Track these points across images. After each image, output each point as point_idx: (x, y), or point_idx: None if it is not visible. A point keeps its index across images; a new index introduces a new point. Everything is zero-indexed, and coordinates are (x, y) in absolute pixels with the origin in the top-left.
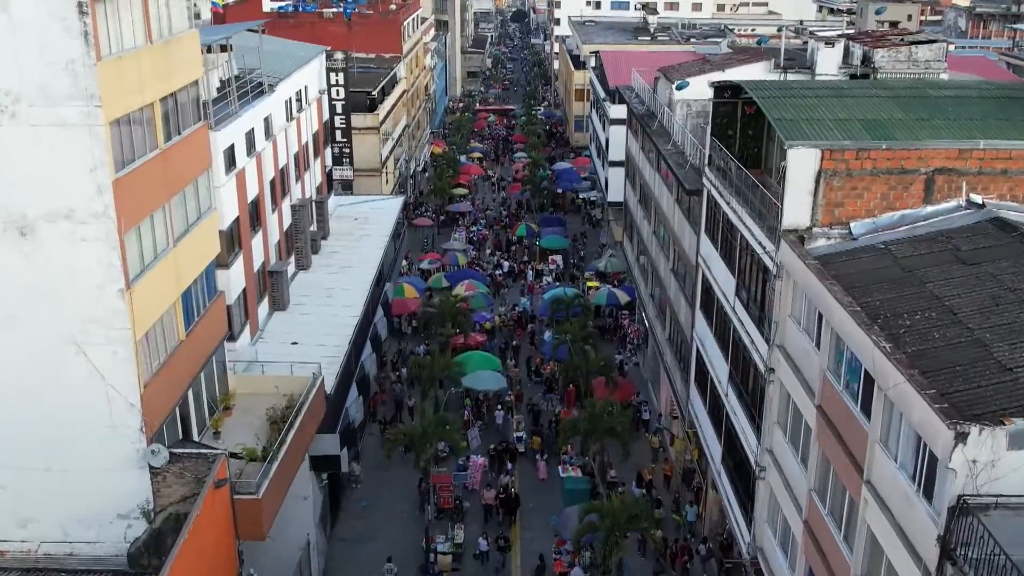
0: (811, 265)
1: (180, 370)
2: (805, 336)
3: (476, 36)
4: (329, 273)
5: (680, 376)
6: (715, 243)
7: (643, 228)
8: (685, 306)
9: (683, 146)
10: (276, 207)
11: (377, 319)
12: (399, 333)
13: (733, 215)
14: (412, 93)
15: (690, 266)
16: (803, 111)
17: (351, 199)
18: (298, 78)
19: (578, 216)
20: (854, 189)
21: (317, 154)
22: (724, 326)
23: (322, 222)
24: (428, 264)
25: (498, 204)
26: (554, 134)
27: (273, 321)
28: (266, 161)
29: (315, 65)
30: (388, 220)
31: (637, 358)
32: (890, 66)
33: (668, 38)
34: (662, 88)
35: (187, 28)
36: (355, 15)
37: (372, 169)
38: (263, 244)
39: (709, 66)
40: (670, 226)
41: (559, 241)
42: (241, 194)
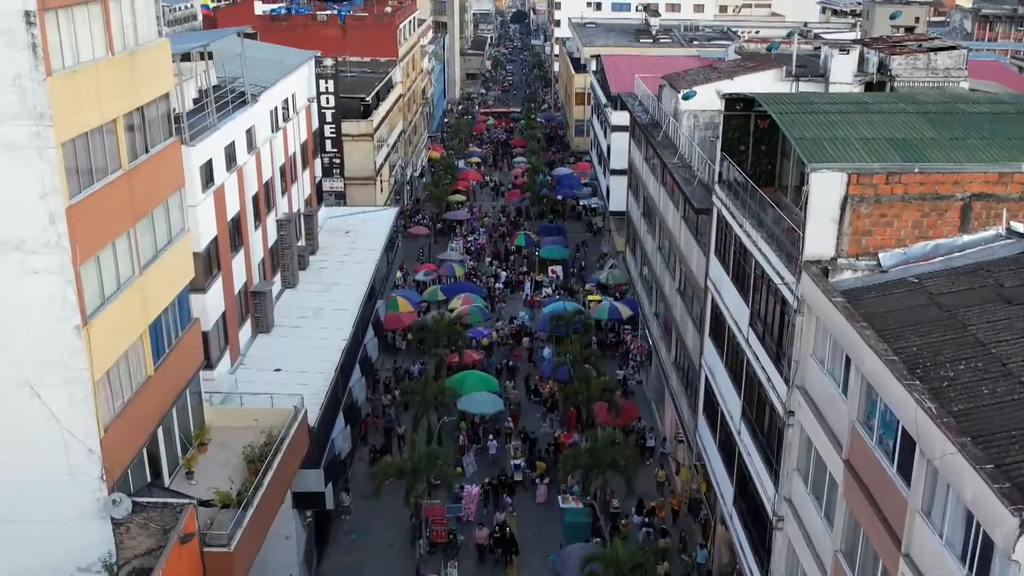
0: (838, 304)
1: (148, 408)
2: (830, 380)
3: (475, 38)
4: (317, 291)
5: (687, 403)
6: (726, 267)
7: (647, 242)
8: (692, 330)
9: (690, 160)
10: (260, 223)
11: (367, 340)
12: (392, 348)
13: (746, 239)
14: (408, 97)
15: (698, 288)
16: (825, 129)
17: (342, 211)
18: (285, 86)
19: (579, 223)
20: (883, 216)
21: (306, 165)
22: (736, 357)
23: (311, 236)
24: (424, 276)
25: (497, 211)
26: (554, 138)
27: (256, 345)
28: (249, 175)
29: (304, 71)
30: (381, 233)
31: (640, 376)
32: (908, 74)
33: (670, 40)
34: (667, 96)
35: (156, 37)
36: (349, 18)
37: (366, 178)
38: (245, 264)
39: (716, 74)
40: (676, 243)
41: (559, 251)
42: (220, 212)
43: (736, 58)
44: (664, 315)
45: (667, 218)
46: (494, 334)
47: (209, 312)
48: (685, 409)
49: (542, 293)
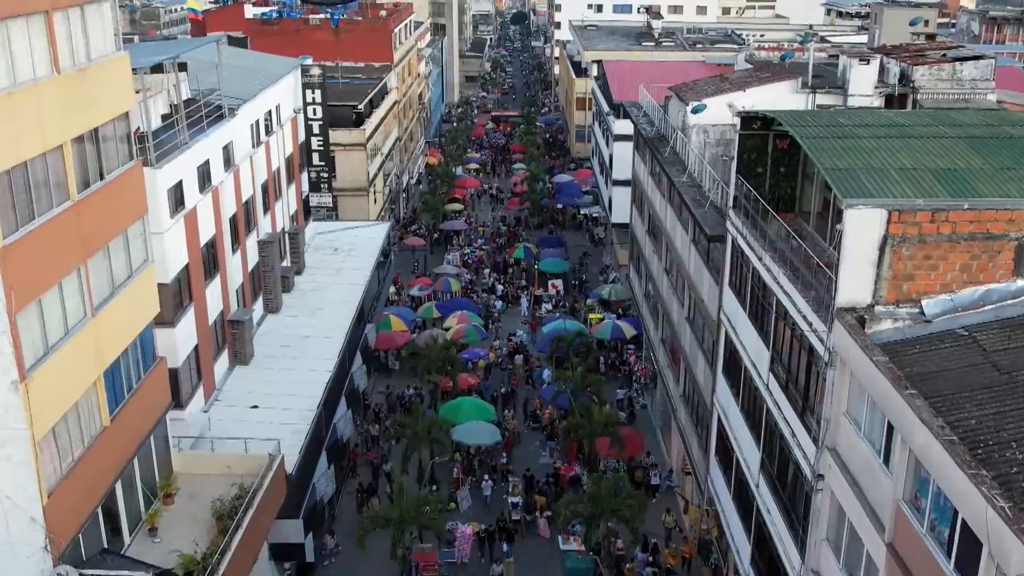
0: (881, 364)
1: (103, 463)
2: (868, 447)
3: (475, 39)
4: (302, 316)
5: (697, 442)
6: (742, 301)
7: (652, 263)
8: (703, 364)
9: (700, 179)
10: (239, 246)
11: (355, 368)
12: (385, 368)
13: (766, 274)
14: (404, 103)
15: (709, 319)
16: (859, 157)
17: (332, 226)
18: (267, 97)
19: (579, 233)
20: (928, 259)
21: (291, 180)
22: (754, 403)
23: (296, 256)
24: (419, 291)
25: (495, 221)
26: (554, 143)
27: (234, 378)
28: (226, 195)
29: (289, 81)
30: (371, 250)
31: (645, 399)
32: (931, 85)
33: (673, 44)
34: (674, 108)
35: (113, 51)
36: (343, 22)
37: (358, 188)
38: (221, 291)
39: (727, 85)
40: (685, 268)
41: (559, 264)
42: (192, 237)
43: (747, 67)
44: (671, 341)
45: (675, 239)
46: (491, 355)
47: (179, 348)
48: (695, 447)
49: (541, 309)
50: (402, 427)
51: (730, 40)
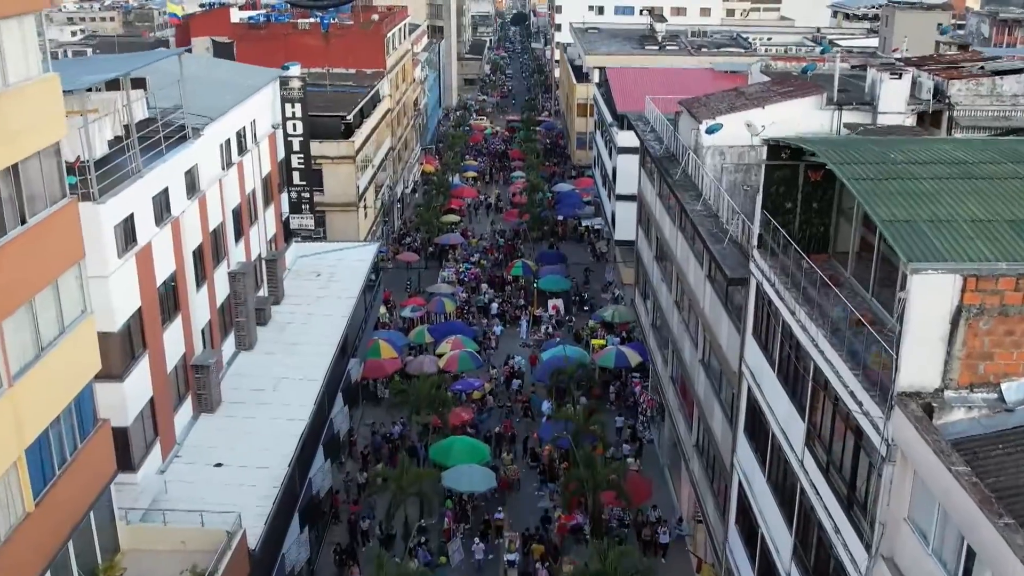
0: (963, 477)
1: (25, 555)
2: (937, 566)
3: (474, 41)
4: (278, 353)
5: (713, 502)
6: (769, 357)
7: (660, 292)
8: (721, 416)
9: (717, 208)
10: (205, 279)
11: (336, 412)
12: (374, 397)
13: (800, 332)
14: (399, 111)
15: (728, 368)
16: (920, 204)
17: (315, 248)
18: (240, 113)
19: (580, 245)
20: (1010, 334)
21: (269, 201)
22: (785, 479)
23: (274, 285)
24: (411, 312)
25: (492, 233)
26: (554, 148)
27: (198, 429)
28: (189, 225)
29: (267, 94)
30: (358, 275)
31: (651, 433)
32: (969, 101)
33: (677, 48)
34: (685, 125)
35: (38, 73)
36: (333, 26)
37: (347, 204)
38: (184, 332)
39: (744, 100)
40: (699, 305)
41: (559, 282)
42: (146, 277)
43: (763, 79)
44: (681, 380)
45: (687, 272)
46: (486, 385)
47: (129, 404)
48: (711, 506)
49: (541, 330)
50: (386, 481)
51: (736, 44)
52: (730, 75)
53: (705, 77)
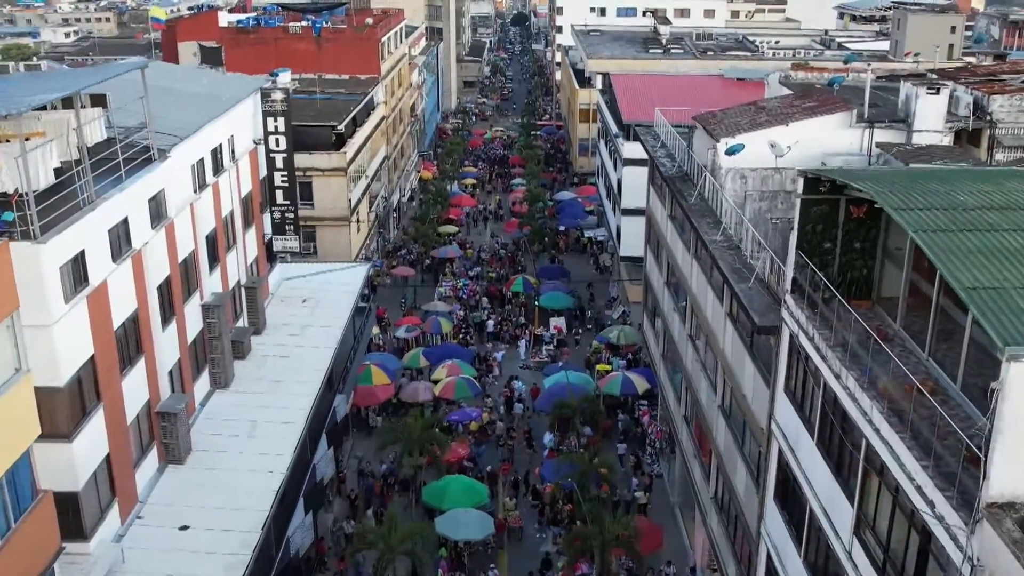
0: None
1: None
2: None
3: (474, 43)
4: (257, 391)
5: (736, 571)
6: (806, 421)
7: (672, 323)
8: (745, 475)
9: (740, 239)
10: (174, 315)
11: (319, 458)
12: (365, 425)
13: (847, 399)
14: (394, 118)
15: (754, 423)
16: (1006, 264)
17: (302, 270)
18: (216, 129)
19: (583, 257)
20: None
21: (250, 223)
22: (827, 563)
23: (254, 314)
24: (406, 331)
25: (492, 245)
26: (555, 154)
27: (164, 483)
28: (154, 258)
29: (247, 107)
30: (347, 299)
31: (659, 467)
32: (1012, 118)
33: (682, 51)
34: (700, 143)
35: None
36: (325, 31)
37: (339, 218)
38: (147, 377)
39: (765, 116)
40: (718, 346)
41: (562, 299)
42: (100, 321)
43: (781, 91)
44: (696, 422)
45: (704, 306)
46: (485, 415)
47: (79, 466)
48: (732, 573)
49: (542, 351)
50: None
51: (743, 47)
52: (742, 83)
53: (715, 85)
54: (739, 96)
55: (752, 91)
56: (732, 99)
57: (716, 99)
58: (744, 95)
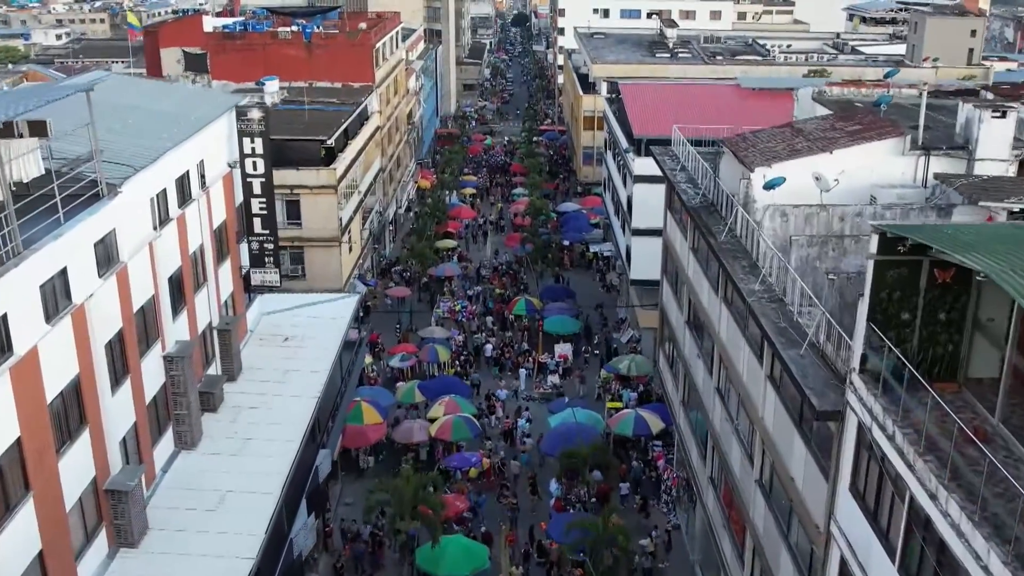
0: None
1: None
2: None
3: (473, 44)
4: (227, 452)
5: None
6: (882, 536)
7: (696, 370)
8: (793, 572)
9: (783, 289)
10: (128, 374)
11: (296, 531)
12: (355, 467)
13: (948, 529)
14: (390, 127)
15: (807, 518)
16: None
17: (285, 301)
18: (182, 155)
19: (589, 273)
20: None
21: (225, 255)
22: None
23: (228, 359)
24: (400, 361)
25: (492, 258)
26: (559, 160)
27: (113, 573)
28: (101, 310)
29: (221, 126)
30: (334, 336)
31: (677, 517)
32: None
33: (690, 55)
34: (729, 169)
35: None
36: (316, 36)
37: (328, 239)
38: (92, 451)
39: (803, 141)
40: (755, 412)
41: (568, 324)
42: (28, 395)
43: (814, 108)
44: (726, 487)
45: (737, 361)
46: (485, 461)
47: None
48: None
49: (547, 381)
50: None
51: (753, 51)
52: (760, 93)
53: (731, 95)
54: (758, 107)
55: (770, 101)
56: (750, 111)
57: (733, 110)
58: (763, 106)
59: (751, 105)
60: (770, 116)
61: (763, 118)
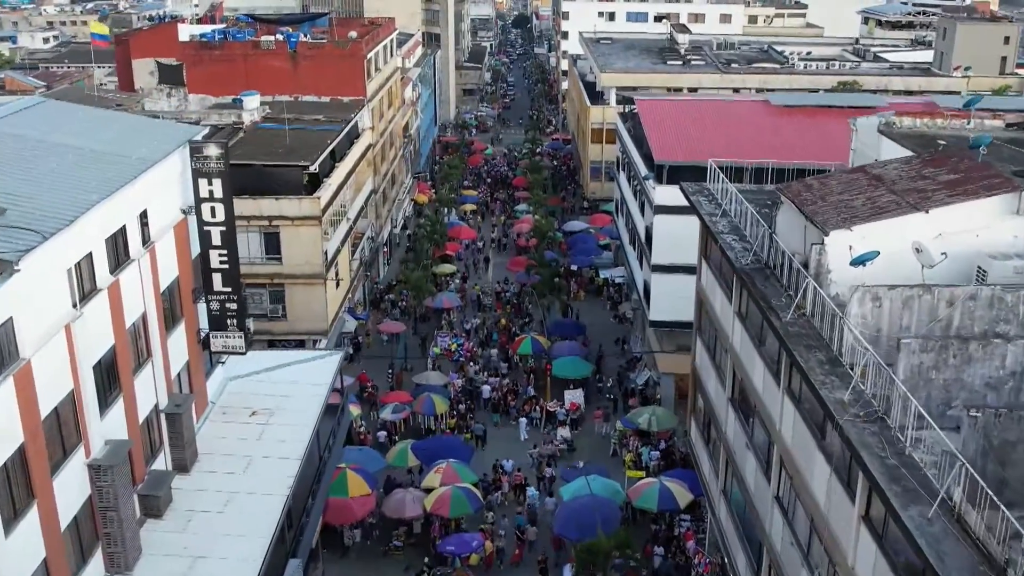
0: None
1: None
2: None
3: (473, 48)
4: (170, 575)
5: None
6: None
7: (743, 462)
8: None
9: (882, 403)
10: (34, 499)
11: None
12: (340, 544)
13: None
14: (384, 142)
15: None
16: None
17: (255, 362)
18: (116, 208)
19: (598, 302)
20: None
21: (177, 319)
22: None
23: (180, 448)
24: (392, 413)
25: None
26: (564, 172)
27: None
28: None
29: (172, 165)
30: (312, 406)
31: None
32: None
33: (703, 63)
34: (789, 223)
35: None
36: (302, 46)
37: (311, 276)
38: None
39: (887, 193)
40: (840, 553)
41: (579, 367)
42: None
43: (891, 147)
44: None
45: (813, 484)
46: (488, 544)
47: None
48: None
49: (556, 437)
50: None
51: (770, 58)
52: (792, 110)
53: (761, 113)
54: (792, 129)
55: (806, 122)
56: (784, 133)
57: (763, 130)
58: (797, 127)
59: (784, 126)
60: (807, 140)
61: (800, 142)
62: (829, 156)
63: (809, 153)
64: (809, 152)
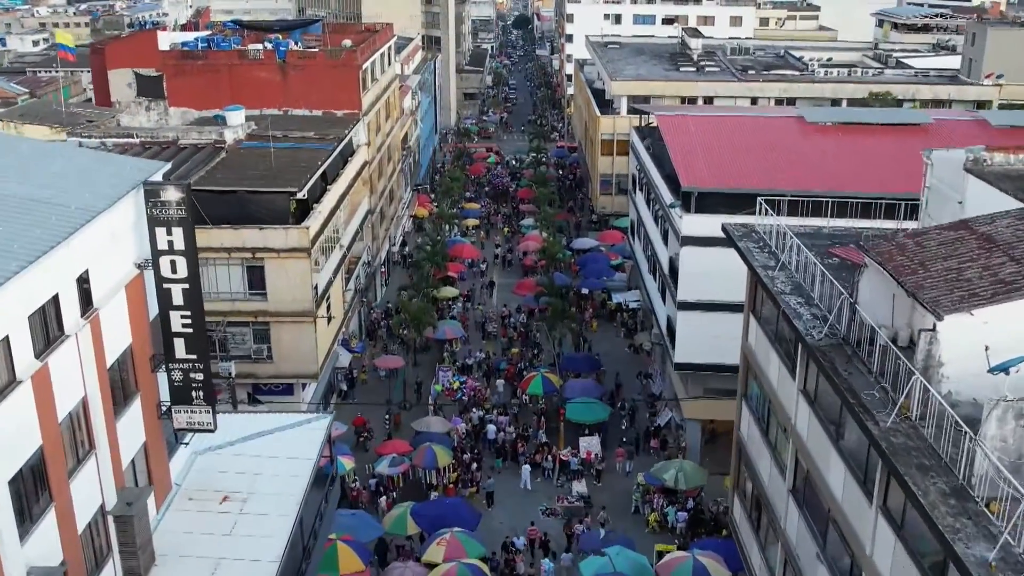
0: None
1: None
2: None
3: (474, 51)
4: None
5: None
6: None
7: (810, 570)
8: None
9: None
10: None
11: None
12: None
13: None
14: (381, 158)
15: None
16: None
17: (230, 432)
18: (46, 273)
19: (611, 328)
20: None
21: (130, 396)
22: None
23: (131, 555)
24: (390, 467)
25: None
26: (572, 183)
27: None
28: None
29: (123, 212)
30: (294, 486)
31: None
32: None
33: (718, 69)
34: (877, 292)
35: None
36: (292, 55)
37: (300, 313)
38: None
39: (1008, 263)
40: None
41: (595, 410)
42: None
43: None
44: None
45: None
46: None
47: None
48: None
49: (573, 493)
50: None
51: (787, 64)
52: (832, 129)
53: (795, 131)
54: (830, 149)
55: (844, 141)
56: (824, 152)
57: (802, 151)
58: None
59: (821, 146)
60: (848, 163)
61: (840, 166)
62: (881, 184)
63: (860, 181)
64: (860, 180)
